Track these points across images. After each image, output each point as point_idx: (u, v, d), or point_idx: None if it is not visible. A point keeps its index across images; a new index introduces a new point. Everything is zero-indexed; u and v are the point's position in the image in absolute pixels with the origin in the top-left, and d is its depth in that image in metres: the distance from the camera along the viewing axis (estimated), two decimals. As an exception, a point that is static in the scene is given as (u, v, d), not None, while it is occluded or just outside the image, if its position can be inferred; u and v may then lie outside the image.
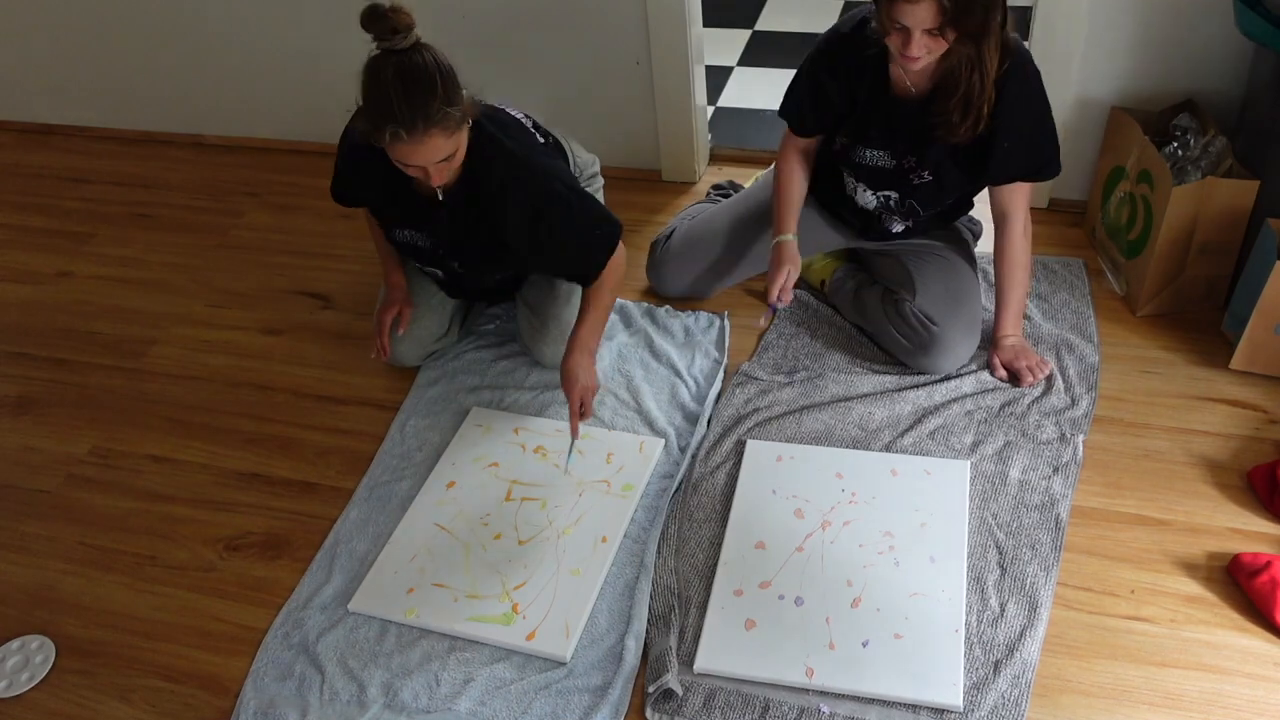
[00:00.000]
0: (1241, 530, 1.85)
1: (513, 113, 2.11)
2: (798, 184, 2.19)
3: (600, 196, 2.39)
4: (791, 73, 2.14)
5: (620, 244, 2.11)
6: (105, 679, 1.85)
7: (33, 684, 1.84)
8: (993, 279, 2.22)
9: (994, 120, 1.92)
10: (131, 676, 1.85)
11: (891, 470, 1.98)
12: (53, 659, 1.88)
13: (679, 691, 1.68)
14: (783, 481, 1.96)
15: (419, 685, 1.76)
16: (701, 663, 1.72)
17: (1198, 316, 2.26)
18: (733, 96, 3.22)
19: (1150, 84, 2.33)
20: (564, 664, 1.77)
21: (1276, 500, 1.86)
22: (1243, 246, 2.17)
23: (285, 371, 2.42)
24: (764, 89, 3.24)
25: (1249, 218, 2.13)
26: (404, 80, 1.73)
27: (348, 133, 2.07)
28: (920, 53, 1.81)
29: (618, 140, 2.80)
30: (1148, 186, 2.19)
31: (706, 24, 2.73)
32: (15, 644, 1.91)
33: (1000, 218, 2.10)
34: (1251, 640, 1.70)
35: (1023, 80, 1.92)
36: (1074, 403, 2.07)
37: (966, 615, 1.74)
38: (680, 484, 2.03)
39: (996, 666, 1.67)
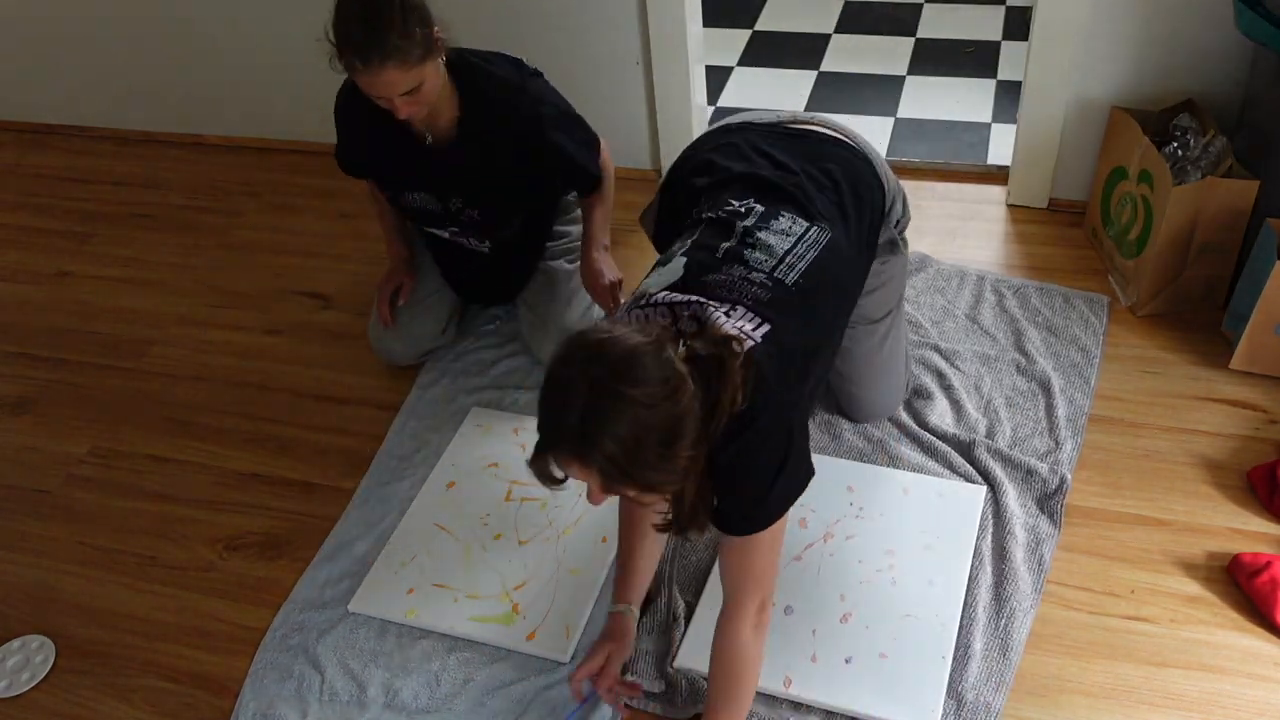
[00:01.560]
0: (1241, 530, 1.85)
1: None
2: (639, 533, 1.69)
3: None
4: (792, 73, 2.12)
5: (604, 146, 2.19)
6: (105, 679, 1.85)
7: (33, 684, 1.84)
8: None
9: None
10: (131, 676, 1.85)
11: (904, 489, 1.95)
12: (53, 659, 1.88)
13: (653, 690, 1.70)
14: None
15: (419, 685, 1.76)
16: (681, 660, 1.72)
17: (1198, 316, 2.26)
18: (733, 96, 3.22)
19: (1150, 84, 2.33)
20: (564, 664, 1.77)
21: (1276, 500, 1.86)
22: (1243, 246, 2.17)
23: (285, 371, 2.42)
24: (764, 89, 3.24)
25: (1249, 218, 2.13)
26: (365, 10, 1.75)
27: (340, 94, 2.10)
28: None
29: (618, 140, 2.79)
30: (1148, 186, 2.19)
31: (706, 24, 2.73)
32: (16, 644, 1.91)
33: (726, 594, 1.54)
34: (1251, 640, 1.70)
35: (748, 441, 1.40)
36: (1058, 445, 2.01)
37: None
38: None
39: (958, 706, 1.64)
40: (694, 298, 1.45)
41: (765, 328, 1.43)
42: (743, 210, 1.59)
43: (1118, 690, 1.66)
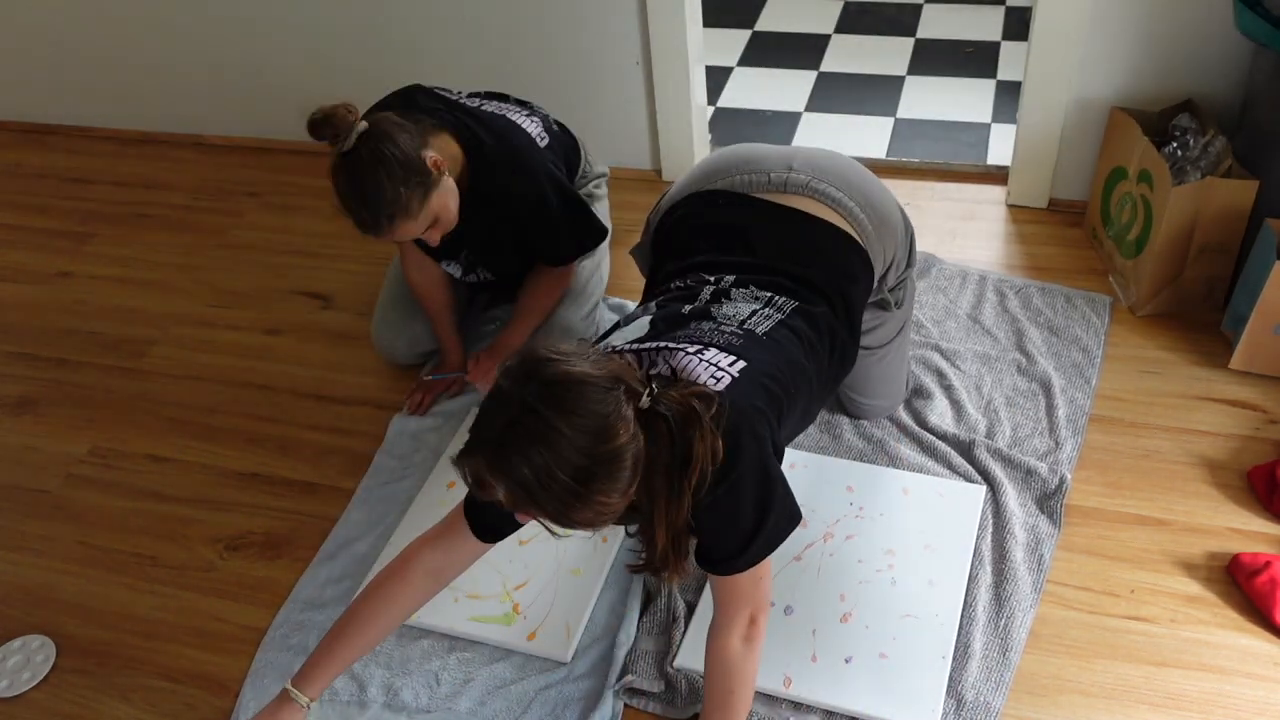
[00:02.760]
0: (1241, 530, 1.85)
1: (513, 116, 2.11)
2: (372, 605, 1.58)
3: (605, 200, 2.41)
4: (792, 73, 2.12)
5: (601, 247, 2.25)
6: (105, 679, 1.85)
7: (33, 683, 1.84)
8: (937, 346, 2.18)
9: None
10: (132, 676, 1.85)
11: (904, 489, 1.95)
12: (53, 659, 1.88)
13: (652, 690, 1.70)
14: (792, 489, 1.96)
15: (419, 685, 1.76)
16: (681, 660, 1.72)
17: (1198, 316, 2.26)
18: (733, 96, 3.22)
19: (1150, 84, 2.33)
20: (564, 664, 1.77)
21: (1276, 500, 1.86)
22: (1242, 246, 2.17)
23: (285, 371, 2.42)
24: (764, 89, 3.24)
25: (1249, 218, 2.13)
26: (354, 188, 1.80)
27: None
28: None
29: (618, 140, 2.80)
30: (1148, 186, 2.20)
31: (706, 24, 2.73)
32: (16, 643, 1.91)
33: (715, 607, 1.52)
34: (1251, 640, 1.70)
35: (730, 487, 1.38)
36: (1058, 445, 2.01)
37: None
38: None
39: (958, 706, 1.65)
40: (661, 344, 1.44)
41: (740, 364, 1.41)
42: (713, 279, 1.59)
43: (1118, 690, 1.66)
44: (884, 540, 1.87)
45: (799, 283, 1.59)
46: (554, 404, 1.23)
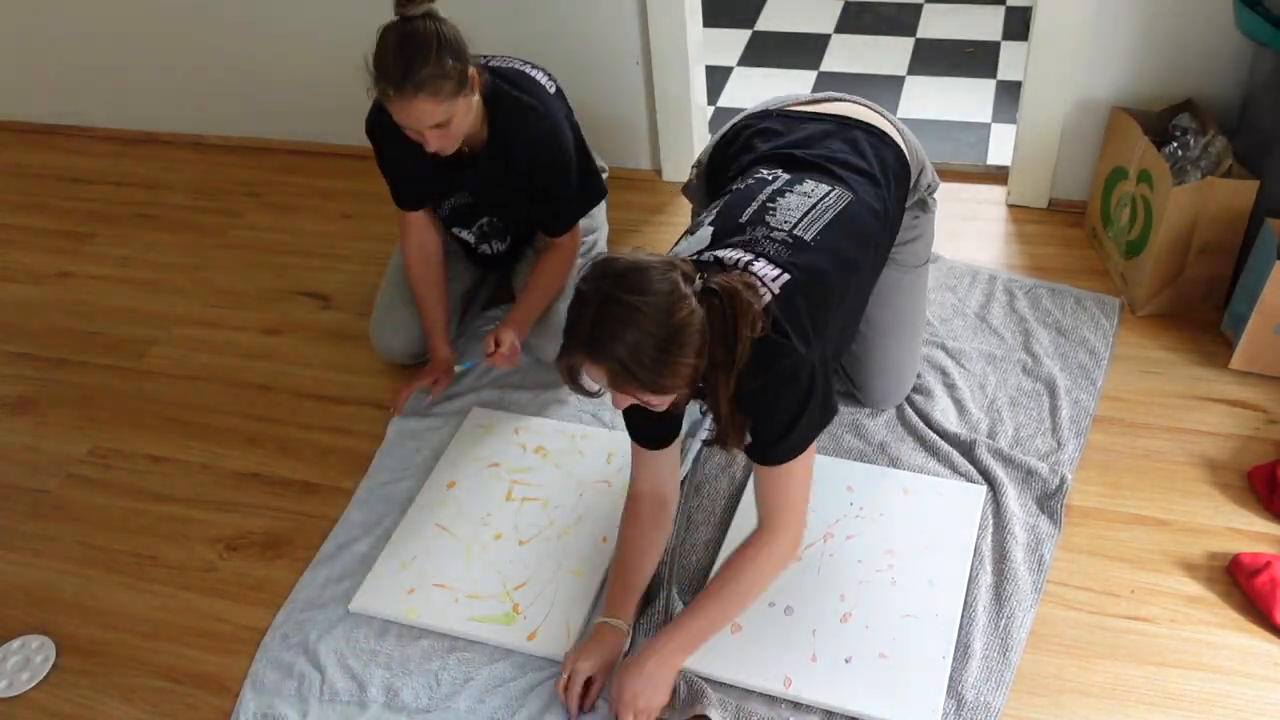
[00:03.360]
0: (1241, 530, 1.85)
1: (527, 70, 2.16)
2: (640, 531, 1.80)
3: (604, 202, 2.42)
4: (792, 73, 2.14)
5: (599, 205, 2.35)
6: (105, 679, 1.85)
7: (33, 684, 1.85)
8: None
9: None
10: (131, 676, 1.85)
11: (904, 489, 1.95)
12: (53, 659, 1.88)
13: None
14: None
15: (419, 685, 1.76)
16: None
17: (1198, 316, 2.26)
18: (733, 96, 3.22)
19: (1150, 84, 2.33)
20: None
21: (1276, 500, 1.86)
22: (1243, 246, 2.17)
23: (285, 371, 2.42)
24: (764, 89, 3.24)
25: (1249, 218, 2.13)
26: (401, 43, 1.83)
27: (369, 118, 2.11)
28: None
29: (618, 140, 2.80)
30: (1148, 186, 2.20)
31: (706, 24, 2.73)
32: (16, 644, 1.91)
33: (759, 520, 1.69)
34: (1251, 640, 1.70)
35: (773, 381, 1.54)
36: (1060, 446, 2.01)
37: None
38: (681, 485, 2.02)
39: (958, 706, 1.65)
40: (712, 253, 1.60)
41: (785, 276, 1.56)
42: (769, 178, 1.72)
43: (1118, 690, 1.66)
44: (884, 540, 1.87)
45: (849, 169, 1.74)
46: (629, 287, 1.42)
